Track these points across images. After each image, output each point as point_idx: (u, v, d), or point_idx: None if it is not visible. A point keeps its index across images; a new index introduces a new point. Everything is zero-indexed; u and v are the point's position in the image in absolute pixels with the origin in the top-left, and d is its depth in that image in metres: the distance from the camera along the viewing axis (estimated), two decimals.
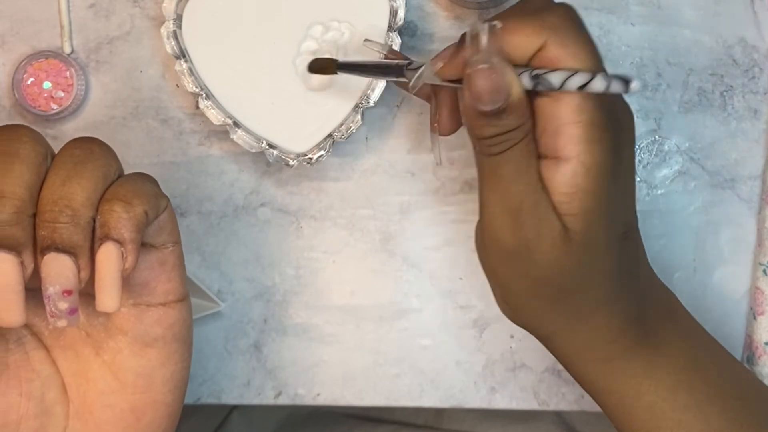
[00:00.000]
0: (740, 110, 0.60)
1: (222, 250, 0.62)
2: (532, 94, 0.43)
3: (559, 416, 0.74)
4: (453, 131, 0.48)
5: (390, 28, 0.57)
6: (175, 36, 0.58)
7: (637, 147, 0.60)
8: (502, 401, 0.61)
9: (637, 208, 0.60)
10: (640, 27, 0.60)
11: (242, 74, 0.58)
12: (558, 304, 0.46)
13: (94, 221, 0.41)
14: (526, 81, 0.42)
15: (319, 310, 0.62)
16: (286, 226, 0.62)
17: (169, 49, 0.58)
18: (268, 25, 0.58)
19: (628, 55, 0.60)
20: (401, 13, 0.57)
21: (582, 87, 0.40)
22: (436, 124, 0.48)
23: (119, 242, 0.40)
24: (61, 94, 0.61)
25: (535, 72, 0.41)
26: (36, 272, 0.40)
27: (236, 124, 0.58)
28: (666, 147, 0.60)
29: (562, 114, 0.42)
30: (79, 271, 0.40)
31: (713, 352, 0.50)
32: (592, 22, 0.61)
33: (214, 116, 0.58)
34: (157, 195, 0.43)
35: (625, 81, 0.38)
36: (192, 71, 0.58)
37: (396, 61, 0.49)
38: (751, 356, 0.58)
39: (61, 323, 0.40)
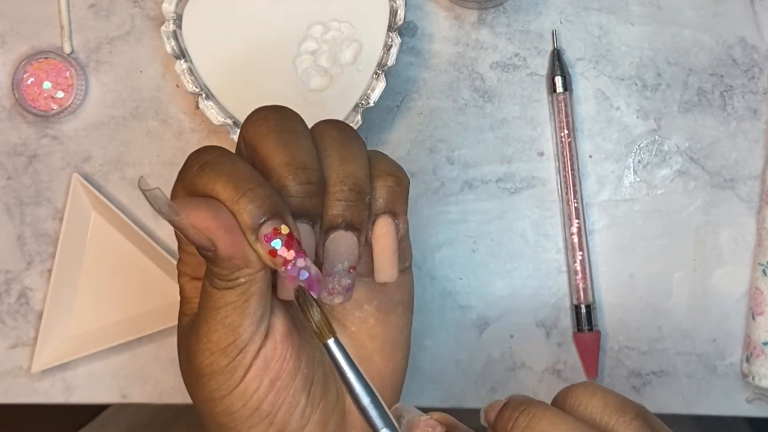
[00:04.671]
0: (740, 110, 0.60)
1: None
2: None
3: None
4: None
5: (390, 28, 0.58)
6: (175, 36, 0.58)
7: (636, 147, 0.60)
8: None
9: (637, 208, 0.60)
10: (640, 27, 0.60)
11: (242, 74, 0.58)
12: None
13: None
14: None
15: None
16: None
17: (169, 49, 0.58)
18: (268, 25, 0.58)
19: (628, 55, 0.60)
20: (401, 13, 0.57)
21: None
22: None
23: (394, 214, 0.42)
24: (61, 94, 0.61)
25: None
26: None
27: (236, 124, 0.58)
28: (666, 147, 0.61)
29: None
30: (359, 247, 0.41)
31: None
32: (592, 22, 0.61)
33: (214, 116, 0.58)
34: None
35: None
36: (192, 71, 0.58)
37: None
38: (749, 356, 0.58)
39: (338, 299, 0.41)
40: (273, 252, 0.38)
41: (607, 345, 0.60)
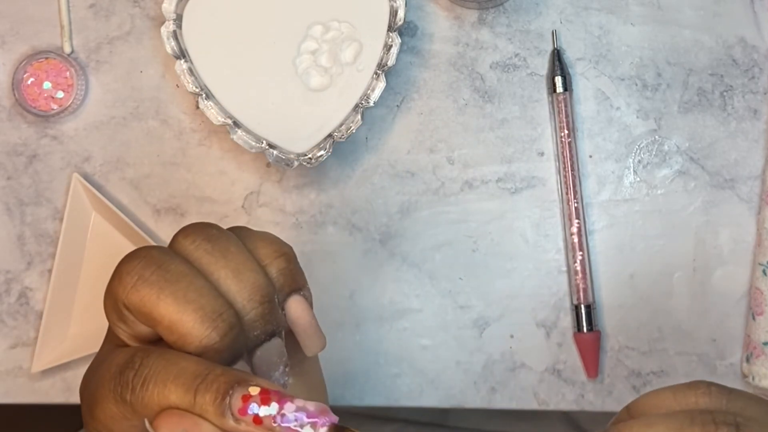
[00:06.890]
0: (740, 110, 0.60)
1: None
2: None
3: (565, 414, 0.74)
4: None
5: (390, 28, 0.58)
6: (175, 36, 0.58)
7: (636, 147, 0.60)
8: (502, 401, 0.61)
9: (637, 208, 0.60)
10: (640, 27, 0.60)
11: (242, 74, 0.58)
12: None
13: None
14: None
15: (318, 310, 0.62)
16: (286, 226, 0.62)
17: (169, 49, 0.58)
18: (268, 25, 0.58)
19: (628, 55, 0.61)
20: (401, 13, 0.57)
21: None
22: None
23: (299, 290, 0.41)
24: (61, 94, 0.61)
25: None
26: None
27: (236, 124, 0.58)
28: (666, 147, 0.61)
29: None
30: None
31: None
32: (592, 22, 0.61)
33: (214, 116, 0.58)
34: None
35: None
36: (192, 71, 0.58)
37: None
38: (749, 356, 0.58)
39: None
40: (257, 419, 0.35)
41: (607, 345, 0.60)
